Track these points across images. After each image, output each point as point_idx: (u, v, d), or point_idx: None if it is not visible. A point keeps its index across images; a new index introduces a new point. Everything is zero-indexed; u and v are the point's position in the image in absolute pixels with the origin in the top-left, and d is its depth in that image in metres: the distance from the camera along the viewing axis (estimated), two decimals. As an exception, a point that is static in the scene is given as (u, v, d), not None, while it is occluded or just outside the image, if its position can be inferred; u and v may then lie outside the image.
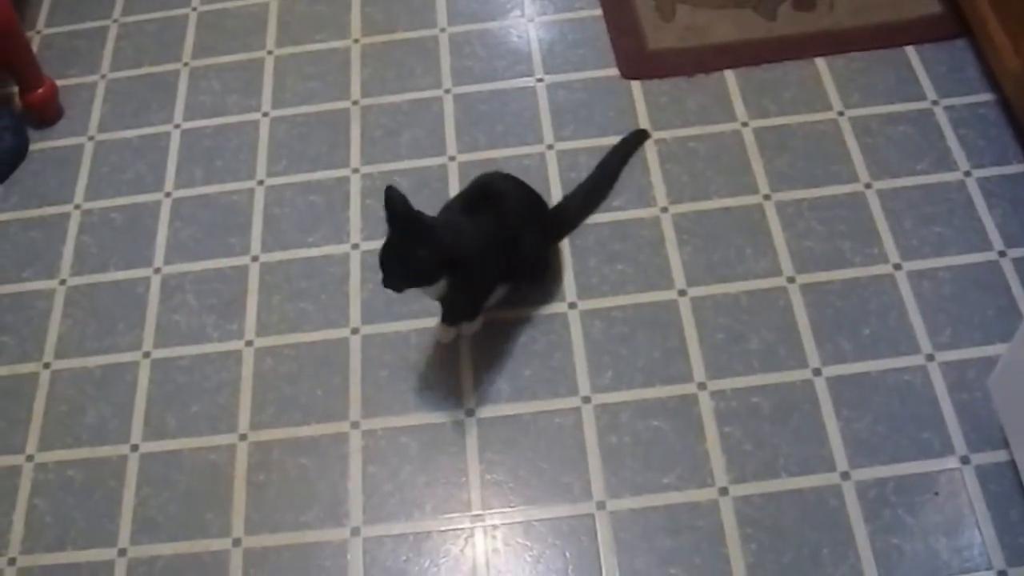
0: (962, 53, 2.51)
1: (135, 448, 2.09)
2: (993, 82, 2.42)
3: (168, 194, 2.45)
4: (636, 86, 2.52)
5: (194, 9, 2.83)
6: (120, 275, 2.34)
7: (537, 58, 2.60)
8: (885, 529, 1.89)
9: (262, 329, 2.23)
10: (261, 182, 2.45)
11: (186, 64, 2.71)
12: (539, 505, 1.96)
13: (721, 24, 2.60)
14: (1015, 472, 1.89)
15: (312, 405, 2.12)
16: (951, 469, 1.95)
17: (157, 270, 2.33)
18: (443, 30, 2.68)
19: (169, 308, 2.28)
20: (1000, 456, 1.95)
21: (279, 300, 2.26)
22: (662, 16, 2.63)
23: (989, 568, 1.84)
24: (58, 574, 1.97)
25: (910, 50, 2.54)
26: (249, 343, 2.21)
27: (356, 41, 2.69)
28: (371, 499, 1.99)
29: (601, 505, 1.95)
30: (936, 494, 1.93)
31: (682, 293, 2.18)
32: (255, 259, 2.32)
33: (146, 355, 2.21)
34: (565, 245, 2.27)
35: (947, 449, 1.97)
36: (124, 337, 2.24)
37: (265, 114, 2.57)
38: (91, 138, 2.59)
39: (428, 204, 2.24)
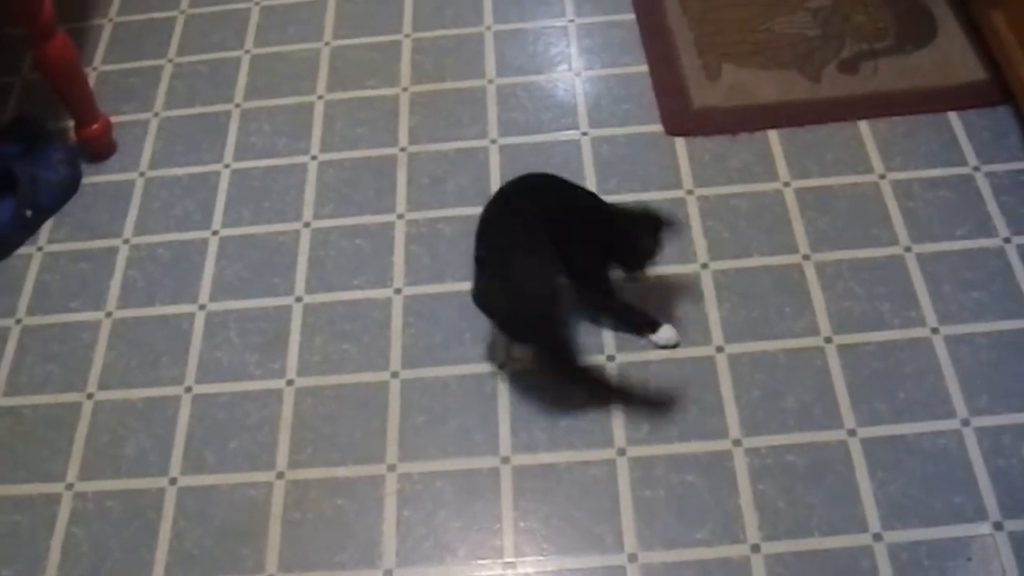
0: (1005, 120, 2.53)
1: (173, 481, 2.12)
2: (1035, 150, 2.45)
3: (215, 232, 2.50)
4: (680, 143, 2.55)
5: (247, 52, 2.88)
6: (165, 310, 2.37)
7: (583, 112, 2.64)
8: (917, 593, 1.90)
9: (303, 369, 2.25)
10: (307, 224, 2.49)
11: (238, 105, 2.76)
12: (571, 555, 1.98)
13: (766, 85, 2.63)
14: (1049, 541, 1.89)
15: (350, 446, 2.14)
16: (984, 535, 1.95)
17: (202, 307, 2.37)
18: (491, 81, 2.73)
19: (212, 345, 2.31)
20: (1034, 524, 1.95)
21: (321, 341, 2.29)
22: (708, 75, 2.66)
23: (1019, 636, 1.85)
24: (94, 604, 2.00)
25: (953, 115, 2.56)
26: (290, 382, 2.24)
27: (405, 89, 2.74)
28: (405, 542, 2.01)
29: (633, 557, 1.96)
30: (969, 559, 1.93)
31: (719, 349, 2.20)
32: (299, 300, 2.36)
33: (188, 390, 2.24)
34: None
35: (980, 514, 1.97)
36: (167, 371, 2.28)
37: (314, 157, 2.62)
38: (142, 174, 2.63)
39: (469, 251, 2.27)
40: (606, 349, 2.22)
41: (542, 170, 2.20)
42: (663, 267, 2.32)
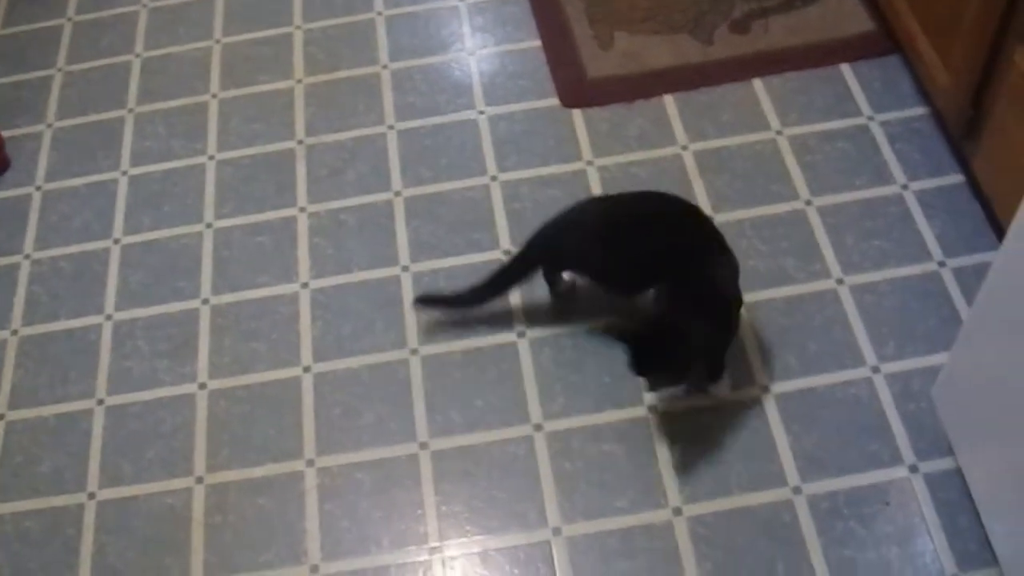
0: (895, 69, 2.56)
1: (92, 496, 2.09)
2: (926, 96, 2.47)
3: (117, 241, 2.46)
4: (577, 114, 2.55)
5: (138, 55, 2.84)
6: (71, 323, 2.34)
7: (478, 91, 2.63)
8: (838, 541, 1.92)
9: (214, 371, 2.23)
10: (209, 225, 2.46)
11: (131, 110, 2.72)
12: (495, 534, 1.98)
13: (659, 50, 2.64)
14: (962, 479, 1.91)
15: (267, 445, 2.12)
16: (900, 479, 1.98)
17: (108, 317, 2.34)
18: (385, 67, 2.71)
19: (121, 355, 2.28)
20: (947, 464, 1.98)
21: (231, 342, 2.27)
22: (600, 44, 2.66)
23: (941, 574, 1.87)
24: (17, 626, 1.97)
25: (845, 68, 2.58)
26: (202, 386, 2.21)
27: (299, 81, 2.71)
28: (328, 536, 2.00)
29: (557, 531, 1.97)
30: (887, 504, 1.96)
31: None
32: (205, 302, 2.33)
33: (99, 402, 2.21)
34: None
35: (896, 459, 2.00)
36: (77, 385, 2.24)
37: (211, 157, 2.59)
38: (39, 188, 2.59)
39: (374, 241, 2.26)
40: (515, 326, 2.22)
41: (440, 150, 2.19)
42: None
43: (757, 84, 2.57)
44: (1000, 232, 2.21)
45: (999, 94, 2.02)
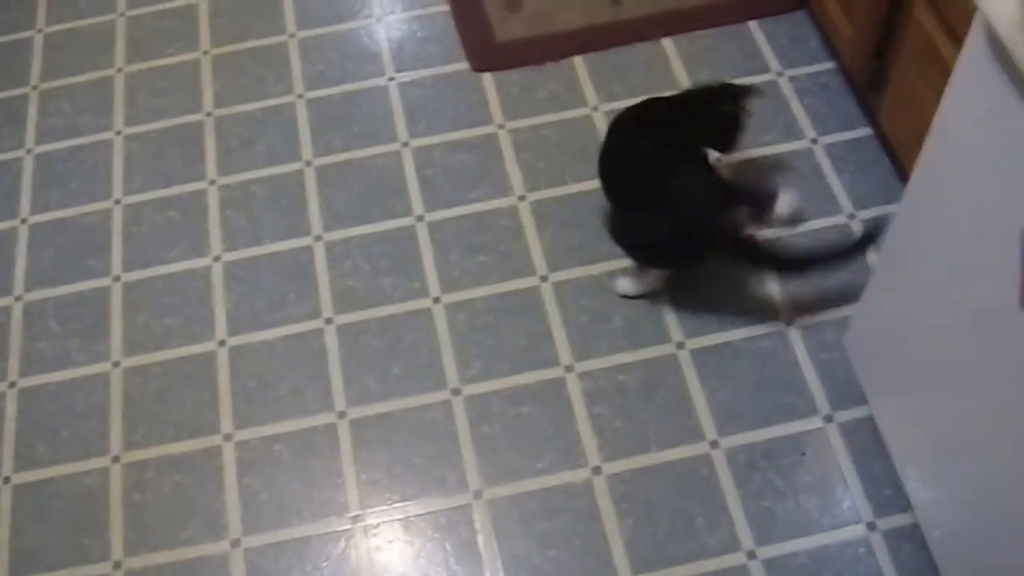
0: (802, 24, 2.57)
1: (7, 480, 2.06)
2: (832, 51, 2.49)
3: (24, 220, 2.41)
4: (487, 78, 2.54)
5: (39, 31, 2.78)
6: (-21, 306, 2.30)
7: (387, 57, 2.61)
8: (756, 493, 1.94)
9: (128, 349, 2.20)
10: (118, 201, 2.42)
11: (35, 87, 2.66)
12: (416, 500, 1.98)
13: (568, 11, 2.63)
14: (875, 426, 1.94)
15: (183, 421, 2.10)
16: (816, 429, 2.01)
17: (18, 298, 2.29)
18: (292, 36, 2.68)
19: (32, 336, 2.24)
20: (861, 412, 2.01)
21: (144, 319, 2.24)
22: (509, 7, 2.65)
23: (859, 521, 1.90)
24: (-66, 614, 1.94)
25: (753, 24, 2.59)
26: (116, 364, 2.18)
27: (206, 53, 2.67)
28: (249, 510, 1.99)
29: (477, 495, 1.97)
30: (803, 454, 1.98)
31: (544, 279, 2.21)
32: (117, 279, 2.30)
33: (11, 385, 2.18)
34: (425, 239, 2.29)
35: (811, 410, 2.02)
36: (-12, 369, 2.21)
37: (118, 133, 2.54)
38: (-59, 170, 2.54)
39: (286, 212, 2.24)
40: (431, 291, 2.21)
41: (351, 118, 2.17)
42: (481, 204, 2.32)
43: (667, 43, 2.57)
44: (907, 182, 2.23)
45: (901, 45, 2.04)
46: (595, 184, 2.31)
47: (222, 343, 2.18)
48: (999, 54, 1.29)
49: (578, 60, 2.55)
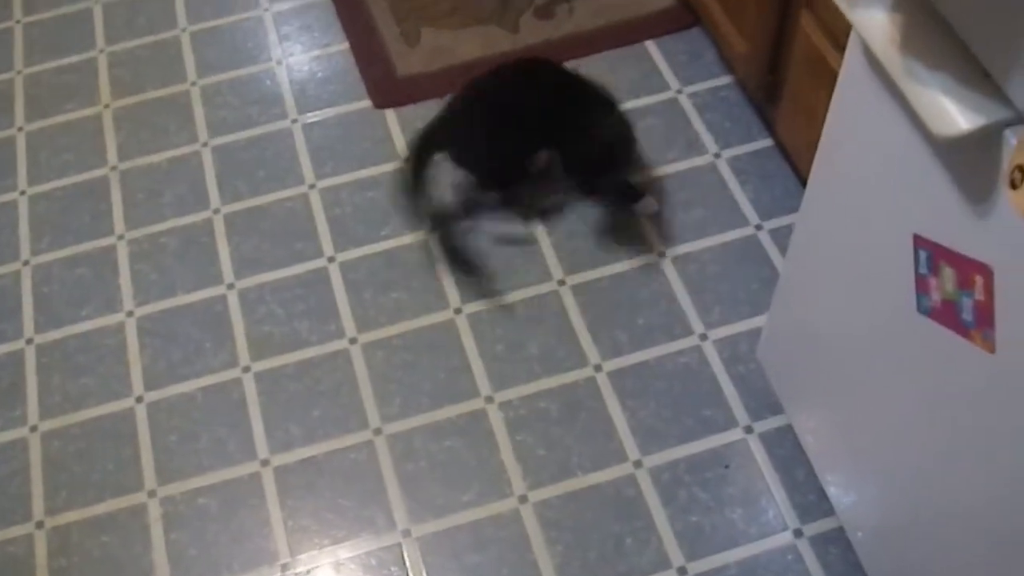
0: (698, 40, 2.61)
1: (-72, 554, 2.04)
2: (728, 64, 2.53)
3: (-69, 288, 2.39)
4: (390, 114, 2.55)
5: (-64, 95, 2.75)
6: None
7: (290, 99, 2.61)
8: (683, 509, 1.96)
9: (45, 412, 2.18)
10: (27, 262, 2.39)
11: (-66, 152, 2.64)
12: (346, 543, 1.97)
13: (466, 42, 2.65)
14: (794, 434, 1.97)
15: (106, 481, 2.08)
16: (737, 441, 2.03)
17: (-71, 368, 2.27)
18: (193, 83, 2.67)
19: (-54, 405, 2.21)
20: (779, 421, 2.04)
21: (59, 380, 2.21)
22: (407, 41, 2.66)
23: (785, 529, 1.92)
24: None
25: (650, 44, 2.62)
26: (33, 428, 2.16)
27: (107, 106, 2.65)
28: (178, 566, 1.97)
29: (406, 533, 1.97)
30: (726, 467, 2.00)
31: (458, 311, 2.21)
32: (29, 341, 2.27)
33: (-74, 457, 2.15)
34: (338, 280, 2.29)
35: (731, 422, 2.05)
36: (-99, 442, 2.18)
37: (23, 192, 2.52)
38: None
39: (197, 262, 2.23)
40: (347, 332, 2.21)
41: (257, 163, 2.18)
42: (391, 241, 2.32)
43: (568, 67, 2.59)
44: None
45: (792, 58, 2.08)
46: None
47: (140, 399, 2.17)
48: (875, 66, 1.33)
49: (480, 90, 2.57)
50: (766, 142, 2.41)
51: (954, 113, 1.14)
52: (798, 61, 2.05)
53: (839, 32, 1.85)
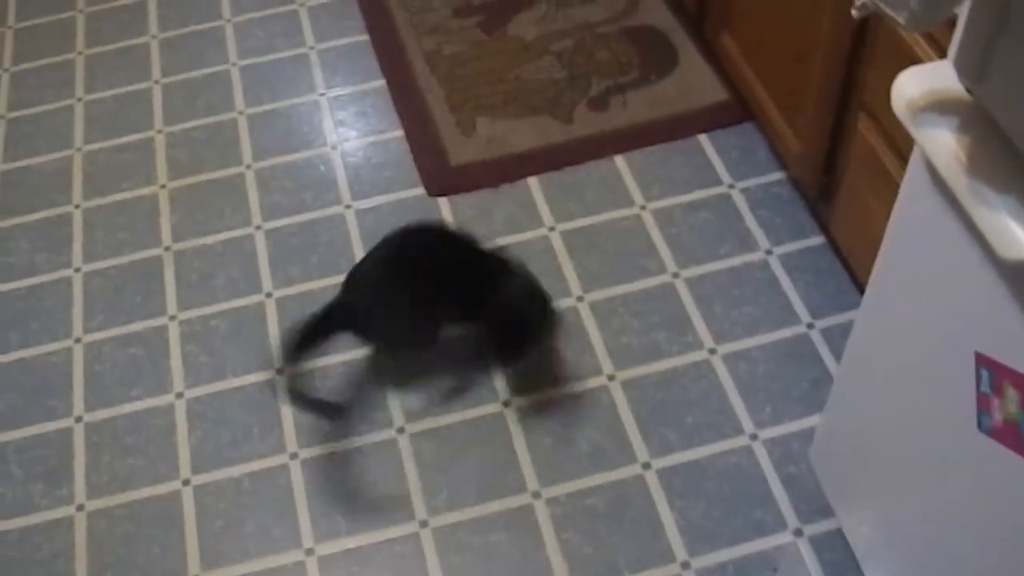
0: (751, 136, 2.62)
1: (-30, 632, 2.03)
2: (782, 161, 2.53)
3: (-17, 362, 2.41)
4: (443, 202, 2.56)
5: (-4, 170, 2.80)
6: (-61, 453, 2.28)
7: (344, 185, 2.63)
8: (730, 612, 1.94)
9: (92, 491, 2.18)
10: (79, 340, 2.41)
11: (-8, 227, 2.67)
12: (388, 636, 1.96)
13: (521, 133, 2.67)
14: (844, 538, 1.94)
15: (150, 564, 2.07)
16: (786, 544, 2.00)
17: (-22, 443, 2.28)
18: (249, 167, 2.70)
19: (-6, 481, 2.22)
20: (830, 524, 2.01)
21: (107, 459, 2.22)
22: (462, 131, 2.68)
23: (833, 637, 1.90)
24: None
25: (703, 138, 2.64)
26: (80, 507, 2.16)
27: (163, 186, 2.69)
28: (218, 653, 1.97)
29: (450, 627, 1.95)
30: (775, 571, 1.97)
31: (507, 404, 2.21)
32: (79, 420, 2.28)
33: (-27, 533, 2.15)
34: (390, 372, 2.29)
35: (780, 525, 2.02)
36: (-51, 517, 2.18)
37: (77, 270, 2.54)
38: (-102, 314, 2.53)
39: (247, 344, 2.24)
40: (395, 422, 2.21)
41: (309, 248, 2.20)
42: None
43: (619, 160, 2.61)
44: (863, 291, 2.26)
45: (849, 159, 2.08)
46: (562, 305, 2.34)
47: (187, 482, 2.17)
48: (939, 184, 1.32)
49: (533, 180, 2.58)
50: (818, 239, 2.41)
51: (1021, 236, 1.14)
52: (854, 162, 2.05)
53: (897, 137, 1.85)
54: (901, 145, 1.86)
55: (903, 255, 1.49)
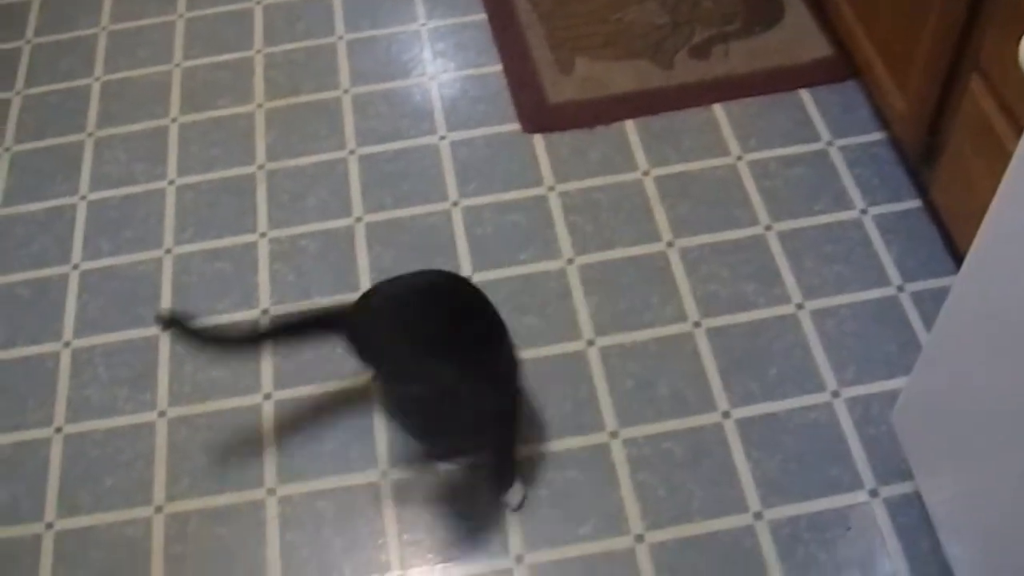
0: (853, 94, 2.58)
1: (49, 526, 2.07)
2: (884, 121, 2.49)
3: (76, 266, 2.44)
4: (538, 139, 2.56)
5: (97, 79, 2.82)
6: (28, 351, 2.31)
7: (440, 116, 2.63)
8: (799, 567, 1.92)
9: (175, 399, 2.21)
10: (169, 251, 2.44)
11: (90, 134, 2.70)
12: (458, 562, 1.97)
13: (619, 75, 2.65)
14: (922, 503, 1.92)
15: (227, 474, 2.11)
16: (861, 503, 1.99)
17: (67, 344, 2.31)
18: (346, 91, 2.70)
19: (80, 383, 2.25)
20: (907, 488, 1.99)
21: (191, 369, 2.25)
22: (561, 69, 2.67)
23: (902, 599, 1.88)
24: (-27, 661, 1.95)
25: (804, 93, 2.60)
26: (162, 414, 2.20)
27: (260, 106, 2.70)
28: (289, 566, 1.98)
29: (519, 559, 1.96)
30: (848, 529, 1.96)
31: (590, 343, 2.21)
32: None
33: (58, 430, 2.19)
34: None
35: (856, 484, 2.01)
36: (34, 414, 2.22)
37: (171, 182, 2.57)
38: (-5, 213, 2.57)
39: (334, 266, 2.24)
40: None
41: (402, 176, 2.19)
42: (530, 266, 2.33)
43: (717, 109, 2.58)
44: (957, 257, 2.23)
45: (956, 121, 2.04)
46: (643, 249, 2.33)
47: (268, 396, 2.19)
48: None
49: (629, 124, 2.57)
50: (915, 203, 2.37)
51: None
52: (962, 125, 2.01)
53: (1011, 100, 1.81)
54: (1015, 109, 1.82)
55: (1011, 224, 1.45)
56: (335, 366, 2.21)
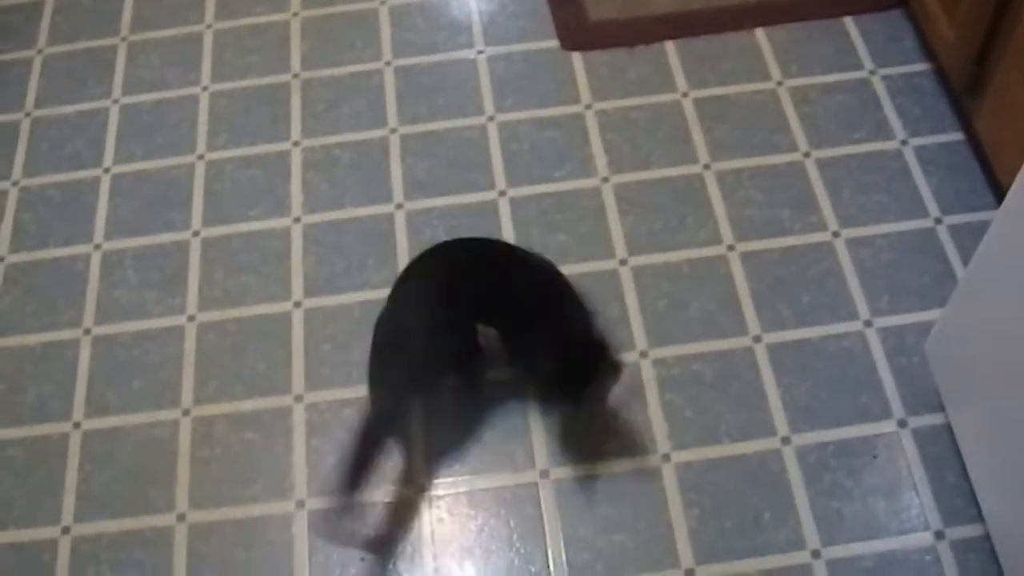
0: (898, 23, 2.54)
1: (77, 426, 2.08)
2: (929, 52, 2.45)
3: (107, 170, 2.43)
4: (577, 57, 2.52)
5: (132, -17, 2.80)
6: (59, 252, 2.31)
7: (478, 30, 2.60)
8: (825, 492, 1.92)
9: (204, 304, 2.21)
10: (201, 157, 2.43)
11: (124, 38, 2.68)
12: (483, 475, 1.97)
13: (661, -5, 2.62)
14: (951, 435, 1.92)
15: (255, 379, 2.11)
16: (889, 433, 1.98)
17: (97, 246, 2.31)
18: (383, 2, 2.67)
19: (110, 284, 2.25)
20: (937, 419, 1.98)
21: (221, 275, 2.25)
22: (601, -13, 2.63)
23: (927, 529, 1.87)
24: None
25: (848, 20, 2.56)
26: (191, 318, 2.20)
27: (295, 14, 2.67)
28: (315, 472, 1.99)
29: (544, 473, 1.96)
30: (875, 457, 1.96)
31: (623, 262, 2.19)
32: (196, 234, 2.31)
33: (87, 332, 2.19)
34: (507, 215, 2.28)
35: (885, 413, 2.00)
36: (64, 314, 2.22)
37: (204, 88, 2.55)
38: (28, 114, 2.55)
39: (368, 177, 2.23)
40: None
41: (438, 89, 2.16)
42: (564, 183, 2.31)
43: (759, 34, 2.54)
44: (997, 191, 2.20)
45: (1004, 51, 2.00)
46: (680, 170, 2.31)
47: (298, 304, 2.19)
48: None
49: (669, 45, 2.53)
50: (957, 135, 2.34)
51: None
52: (1010, 55, 1.98)
53: (1065, 28, 1.78)
54: (1067, 36, 1.79)
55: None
56: (367, 275, 2.20)
